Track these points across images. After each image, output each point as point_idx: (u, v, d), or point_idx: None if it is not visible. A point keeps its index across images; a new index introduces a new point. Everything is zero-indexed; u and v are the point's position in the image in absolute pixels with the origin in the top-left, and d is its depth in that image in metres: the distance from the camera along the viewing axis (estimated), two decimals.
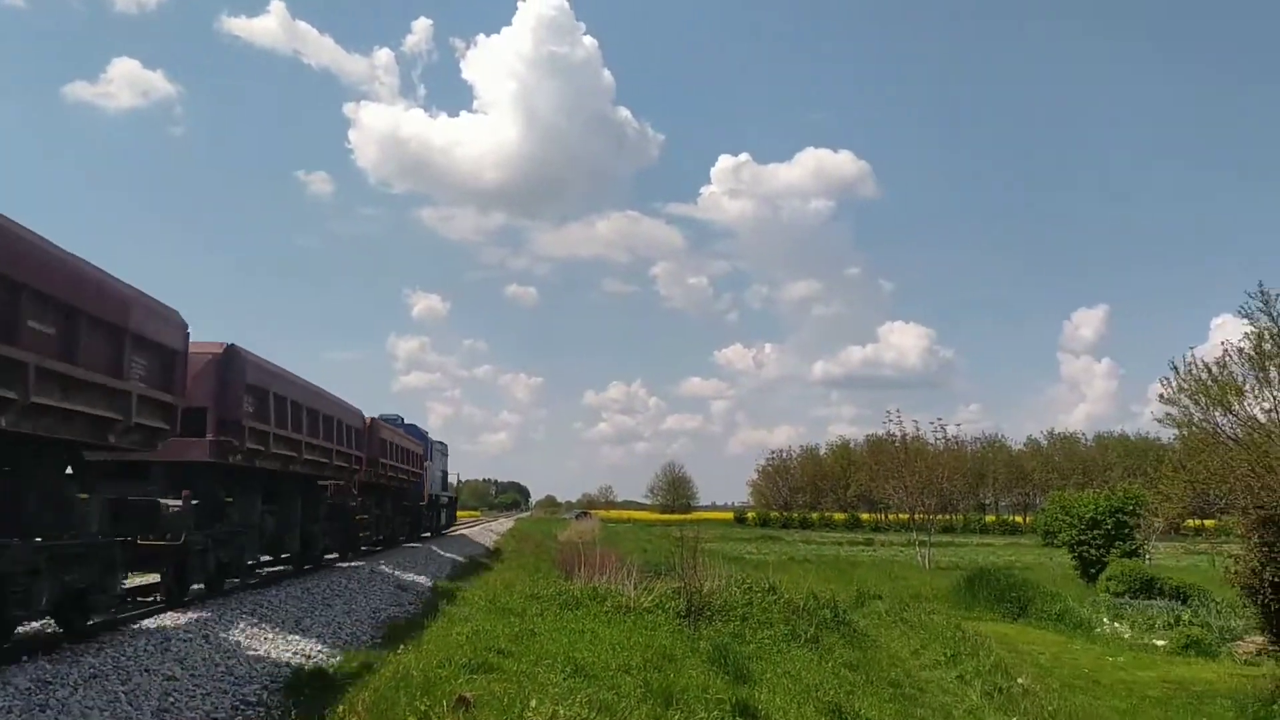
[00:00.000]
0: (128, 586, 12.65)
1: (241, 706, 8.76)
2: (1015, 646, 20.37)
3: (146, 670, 8.86)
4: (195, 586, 13.59)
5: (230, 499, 14.84)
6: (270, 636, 11.74)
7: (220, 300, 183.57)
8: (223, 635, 11.04)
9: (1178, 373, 18.16)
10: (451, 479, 47.83)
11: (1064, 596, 26.43)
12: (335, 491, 21.37)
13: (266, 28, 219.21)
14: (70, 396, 8.56)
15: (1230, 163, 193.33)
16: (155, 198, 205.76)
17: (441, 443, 41.93)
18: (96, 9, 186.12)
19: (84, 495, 10.14)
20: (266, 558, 18.46)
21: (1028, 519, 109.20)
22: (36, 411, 8.06)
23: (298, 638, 12.14)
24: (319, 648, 11.91)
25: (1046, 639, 22.09)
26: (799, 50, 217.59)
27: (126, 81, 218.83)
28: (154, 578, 13.21)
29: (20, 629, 10.01)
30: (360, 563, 21.99)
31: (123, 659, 9.08)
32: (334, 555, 22.16)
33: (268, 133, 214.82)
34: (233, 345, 13.65)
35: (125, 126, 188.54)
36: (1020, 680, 15.36)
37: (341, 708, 8.23)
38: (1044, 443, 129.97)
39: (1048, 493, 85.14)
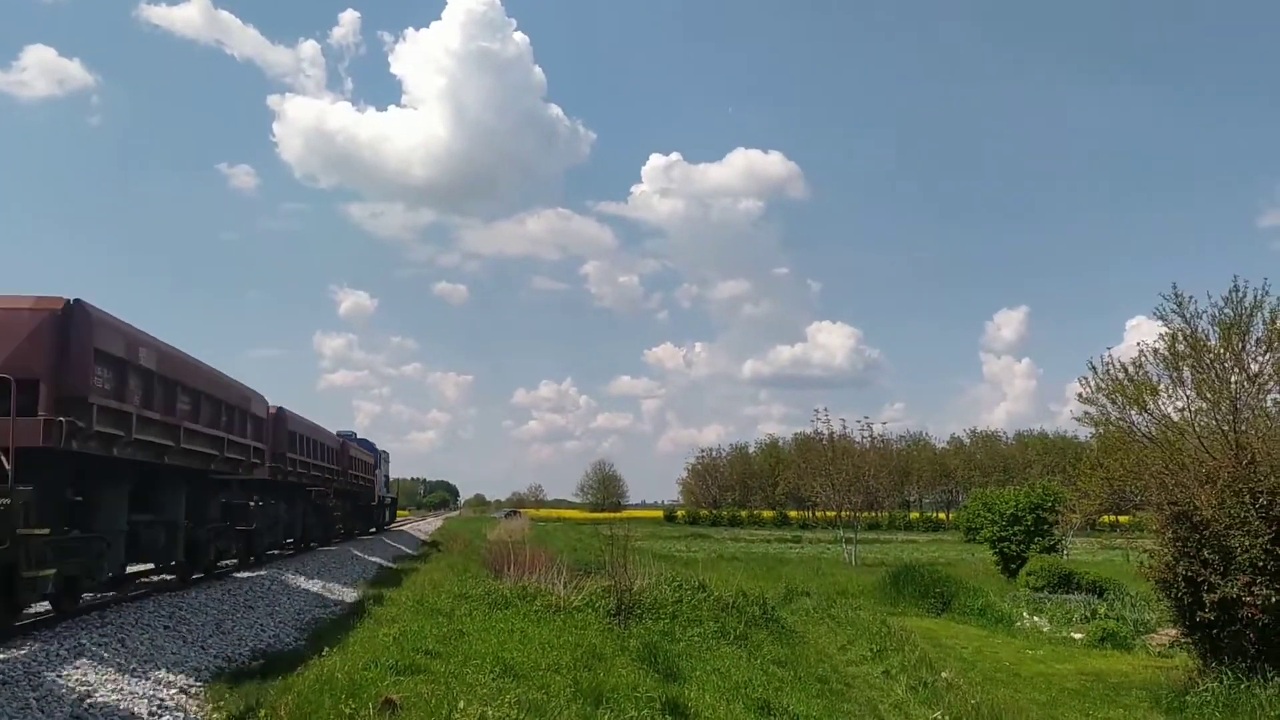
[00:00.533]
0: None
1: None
2: (939, 641, 20.72)
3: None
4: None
5: (273, 501, 21.79)
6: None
7: (139, 296, 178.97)
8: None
9: (1095, 373, 18.51)
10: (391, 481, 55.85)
11: (986, 591, 26.94)
12: (318, 495, 27.69)
13: (188, 17, 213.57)
14: (232, 450, 16.26)
15: (1144, 169, 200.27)
16: (71, 189, 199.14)
17: (385, 451, 48.62)
18: None
19: (223, 501, 18.01)
20: (289, 540, 26.06)
21: (951, 516, 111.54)
22: (225, 460, 15.86)
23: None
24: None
25: (969, 633, 22.50)
26: (731, 50, 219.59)
27: (41, 70, 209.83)
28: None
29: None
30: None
31: (33, 664, 8.79)
32: (315, 543, 28.70)
33: (189, 124, 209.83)
34: (282, 407, 21.73)
35: (40, 116, 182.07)
36: (944, 674, 15.58)
37: (263, 712, 8.00)
38: (966, 441, 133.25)
39: (970, 490, 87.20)
